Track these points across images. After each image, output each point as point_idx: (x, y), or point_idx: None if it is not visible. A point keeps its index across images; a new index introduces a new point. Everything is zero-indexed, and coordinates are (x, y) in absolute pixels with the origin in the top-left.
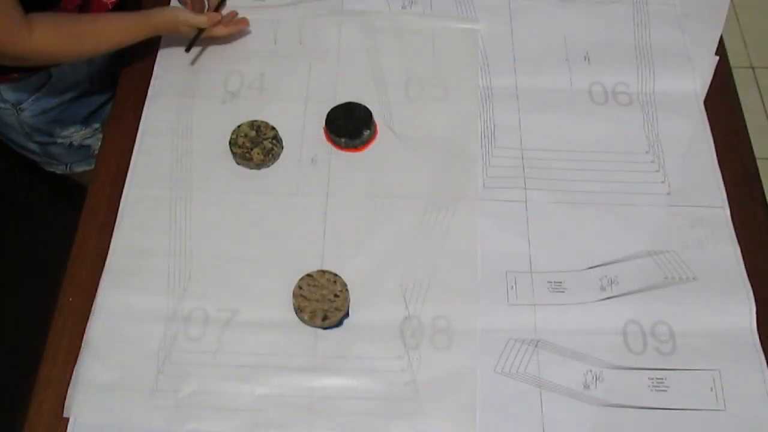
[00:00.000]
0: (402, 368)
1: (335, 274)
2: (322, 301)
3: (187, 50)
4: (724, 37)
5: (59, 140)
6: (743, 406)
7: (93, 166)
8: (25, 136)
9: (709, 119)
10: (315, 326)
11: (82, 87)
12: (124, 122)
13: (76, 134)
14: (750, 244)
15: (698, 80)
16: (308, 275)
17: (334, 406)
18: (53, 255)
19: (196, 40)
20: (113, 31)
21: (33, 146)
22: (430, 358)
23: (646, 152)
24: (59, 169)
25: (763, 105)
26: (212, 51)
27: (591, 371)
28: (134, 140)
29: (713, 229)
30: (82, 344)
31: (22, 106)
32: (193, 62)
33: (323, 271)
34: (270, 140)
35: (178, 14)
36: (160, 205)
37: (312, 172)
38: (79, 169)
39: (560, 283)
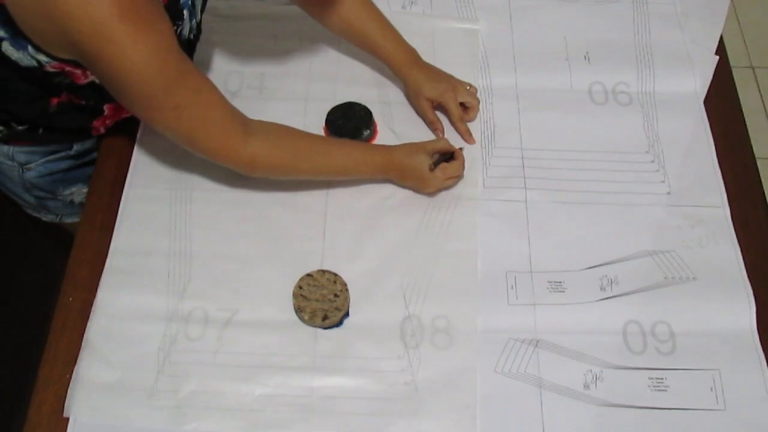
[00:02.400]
0: (402, 368)
1: (335, 274)
2: (322, 301)
3: (435, 166)
4: (724, 36)
5: (60, 197)
6: (743, 406)
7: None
8: (24, 189)
9: (709, 119)
10: (315, 326)
11: (95, 153)
12: (125, 122)
13: (78, 192)
14: (750, 244)
15: (698, 80)
16: (308, 275)
17: (334, 406)
18: (53, 255)
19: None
20: (342, 156)
21: (29, 198)
22: (430, 358)
23: (646, 152)
24: (47, 218)
25: (763, 105)
26: (212, 51)
27: (591, 371)
28: (134, 140)
29: (713, 229)
30: (82, 344)
31: (29, 165)
32: (194, 61)
33: (323, 271)
34: None
35: (426, 148)
36: (160, 205)
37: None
38: (70, 220)
39: (560, 282)
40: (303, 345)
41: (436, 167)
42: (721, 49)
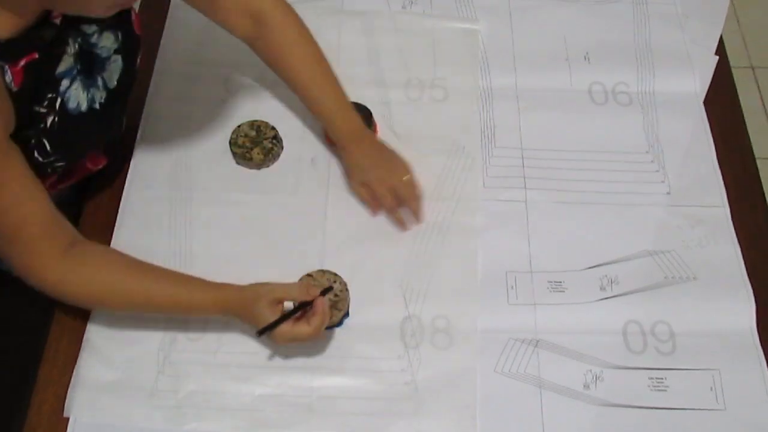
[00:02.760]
0: (402, 368)
1: (335, 274)
2: None
3: (260, 334)
4: (724, 36)
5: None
6: (743, 405)
7: None
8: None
9: (709, 119)
10: None
11: None
12: (125, 122)
13: None
14: (750, 244)
15: (698, 80)
16: (308, 275)
17: (334, 406)
18: None
19: (282, 321)
20: (170, 293)
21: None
22: (430, 358)
23: (646, 152)
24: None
25: (763, 105)
26: (212, 51)
27: (591, 371)
28: (134, 140)
29: (713, 229)
30: (82, 344)
31: None
32: (193, 61)
33: (323, 271)
34: (270, 140)
35: (272, 291)
36: (160, 205)
37: (312, 172)
38: None
39: (560, 282)
40: (303, 345)
41: (280, 323)
42: (721, 49)
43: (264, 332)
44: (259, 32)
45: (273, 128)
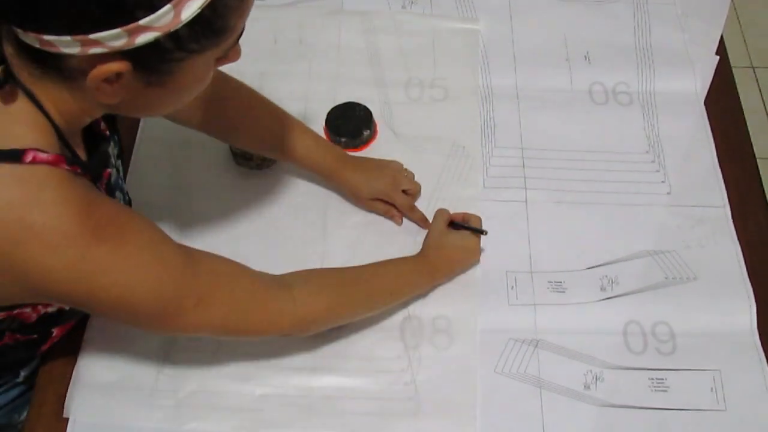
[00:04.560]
0: (402, 368)
1: None
2: None
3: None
4: (725, 36)
5: (17, 423)
6: (744, 406)
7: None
8: None
9: (709, 119)
10: None
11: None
12: (124, 122)
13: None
14: (750, 244)
15: (698, 80)
16: None
17: (334, 406)
18: None
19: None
20: (390, 273)
21: None
22: (430, 358)
23: (646, 152)
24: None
25: (764, 105)
26: None
27: (591, 371)
28: (134, 140)
29: (713, 229)
30: (82, 344)
31: None
32: None
33: None
34: None
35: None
36: (160, 205)
37: (312, 172)
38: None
39: (560, 283)
40: (303, 345)
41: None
42: (721, 49)
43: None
44: (212, 112)
45: None
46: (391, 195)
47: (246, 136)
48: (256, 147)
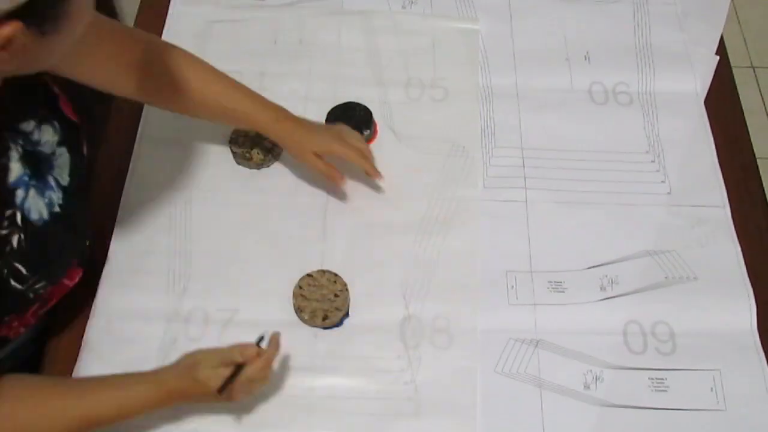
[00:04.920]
0: (402, 368)
1: (335, 274)
2: (322, 301)
3: (221, 390)
4: (725, 36)
5: None
6: (744, 406)
7: None
8: None
9: (709, 119)
10: (315, 326)
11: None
12: (124, 122)
13: None
14: (750, 244)
15: (698, 80)
16: (308, 275)
17: (334, 406)
18: None
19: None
20: (105, 399)
21: None
22: (430, 358)
23: (646, 152)
24: None
25: (764, 105)
26: (213, 51)
27: (591, 371)
28: (134, 140)
29: (713, 229)
30: (82, 345)
31: None
32: None
33: (323, 271)
34: (270, 140)
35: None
36: (160, 205)
37: (312, 171)
38: None
39: (560, 283)
40: (303, 345)
41: (229, 382)
42: (721, 49)
43: (225, 387)
44: (145, 77)
45: None
46: (336, 149)
47: (181, 99)
48: (192, 109)
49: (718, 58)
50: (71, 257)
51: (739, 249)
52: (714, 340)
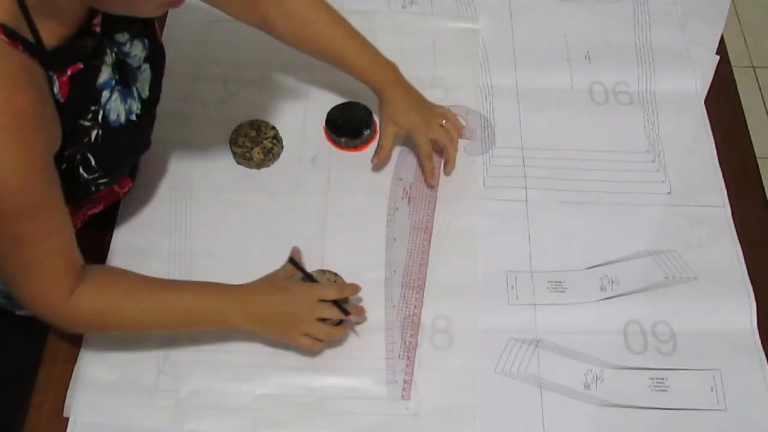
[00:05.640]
0: (402, 368)
1: (335, 274)
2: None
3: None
4: (725, 36)
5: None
6: (744, 406)
7: None
8: None
9: (709, 119)
10: None
11: None
12: None
13: None
14: (750, 244)
15: (699, 80)
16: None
17: (334, 406)
18: None
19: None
20: (185, 298)
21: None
22: (430, 358)
23: (647, 152)
24: (21, 312)
25: (764, 105)
26: (213, 51)
27: (591, 371)
28: None
29: (714, 229)
30: (82, 344)
31: None
32: (193, 61)
33: (323, 271)
34: (270, 140)
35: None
36: (160, 205)
37: (312, 171)
38: None
39: (560, 282)
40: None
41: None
42: (721, 49)
43: (309, 277)
44: (271, 9)
45: (273, 128)
46: (417, 135)
47: (305, 35)
48: (313, 48)
49: (718, 57)
50: (132, 161)
51: (739, 249)
52: (714, 339)
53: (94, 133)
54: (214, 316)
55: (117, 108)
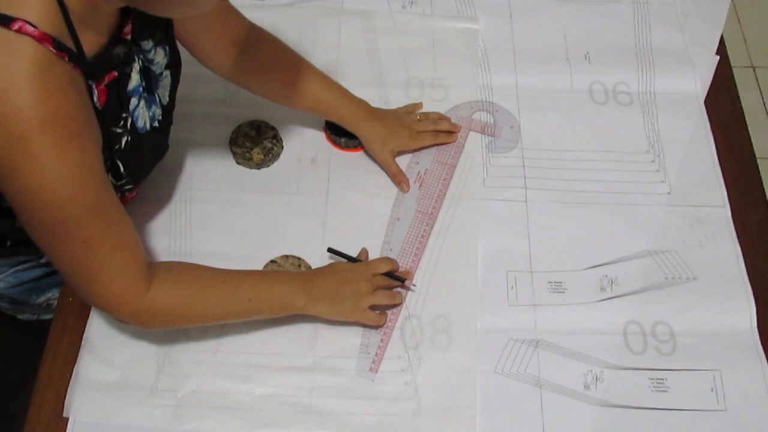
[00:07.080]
0: (402, 368)
1: (299, 258)
2: None
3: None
4: (725, 36)
5: (33, 304)
6: (744, 406)
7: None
8: None
9: (709, 119)
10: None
11: None
12: None
13: (53, 297)
14: (750, 244)
15: (699, 80)
16: (272, 261)
17: (334, 406)
18: None
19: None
20: (258, 287)
21: (2, 304)
22: (430, 358)
23: (647, 152)
24: (23, 317)
25: (764, 105)
26: None
27: (591, 371)
28: None
29: (713, 229)
30: (82, 344)
31: None
32: (193, 61)
33: (287, 256)
34: (270, 140)
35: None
36: (160, 205)
37: (312, 171)
38: (48, 316)
39: (560, 283)
40: (303, 345)
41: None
42: (721, 49)
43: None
44: (243, 58)
45: (273, 128)
46: (410, 146)
47: (273, 84)
48: (284, 96)
49: (718, 58)
50: (154, 166)
51: (739, 249)
52: (714, 340)
53: (124, 140)
54: (284, 301)
55: (143, 115)
